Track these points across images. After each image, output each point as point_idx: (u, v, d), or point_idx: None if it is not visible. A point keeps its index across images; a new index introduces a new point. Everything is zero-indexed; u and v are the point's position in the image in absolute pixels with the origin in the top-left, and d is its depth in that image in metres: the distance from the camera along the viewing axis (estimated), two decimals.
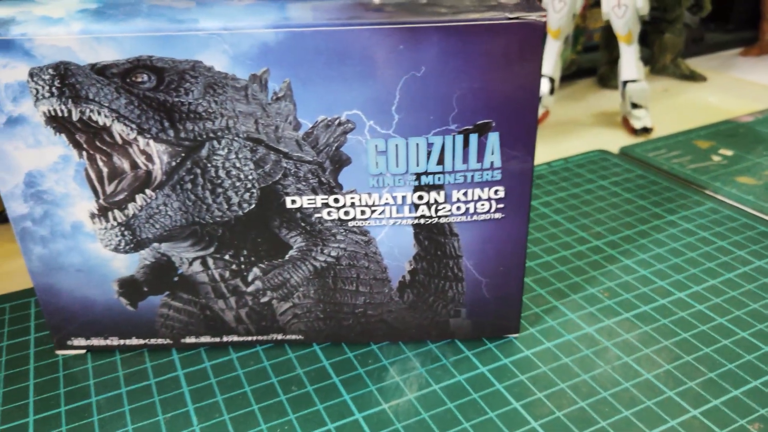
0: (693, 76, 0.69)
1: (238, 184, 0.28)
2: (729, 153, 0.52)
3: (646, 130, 0.56)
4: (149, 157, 0.27)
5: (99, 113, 0.26)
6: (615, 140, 0.56)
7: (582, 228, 0.42)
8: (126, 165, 0.27)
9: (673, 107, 0.63)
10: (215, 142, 0.27)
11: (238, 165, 0.27)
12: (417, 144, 0.27)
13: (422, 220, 0.29)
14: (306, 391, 0.30)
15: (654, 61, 0.70)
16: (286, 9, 0.26)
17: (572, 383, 0.30)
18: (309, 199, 0.28)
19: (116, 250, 0.29)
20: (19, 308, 0.36)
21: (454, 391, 0.29)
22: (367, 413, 0.28)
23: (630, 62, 0.56)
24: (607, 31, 0.67)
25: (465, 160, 0.28)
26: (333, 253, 0.30)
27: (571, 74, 0.70)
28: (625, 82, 0.57)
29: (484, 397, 0.29)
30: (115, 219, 0.28)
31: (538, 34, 0.26)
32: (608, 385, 0.29)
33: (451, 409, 0.28)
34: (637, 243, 0.40)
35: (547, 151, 0.54)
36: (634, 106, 0.57)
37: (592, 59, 0.72)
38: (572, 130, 0.58)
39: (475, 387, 0.29)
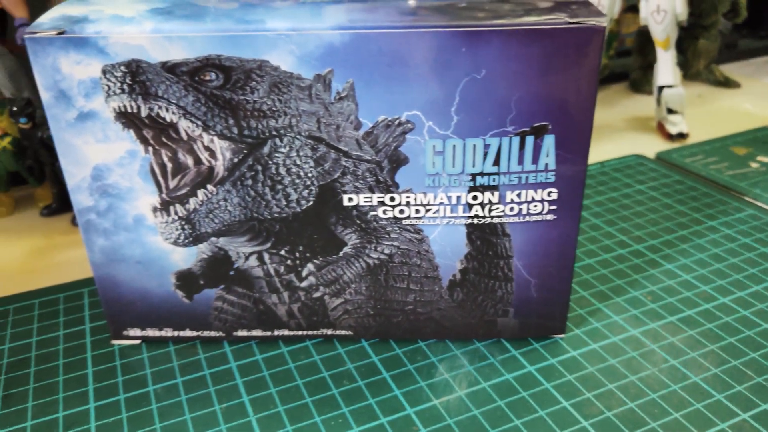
0: (727, 83, 0.69)
1: (297, 181, 0.28)
2: (767, 160, 0.52)
3: (681, 136, 0.56)
4: (212, 154, 0.28)
5: (167, 110, 0.27)
6: (650, 145, 0.56)
7: (622, 231, 0.42)
8: (189, 161, 0.28)
9: (707, 113, 0.62)
10: (277, 140, 0.28)
11: (298, 162, 0.28)
12: (474, 145, 0.28)
13: (475, 220, 0.30)
14: (357, 385, 0.30)
15: (687, 67, 0.70)
16: (323, 11, 0.27)
17: (620, 384, 0.30)
18: (366, 197, 0.29)
19: (176, 243, 0.30)
20: (72, 298, 0.37)
21: (503, 389, 0.30)
22: (418, 408, 0.29)
23: (666, 67, 0.56)
24: (641, 35, 0.67)
25: (520, 161, 0.28)
26: (386, 251, 0.30)
27: (603, 79, 0.70)
28: (661, 88, 0.57)
29: (534, 396, 0.29)
30: (176, 213, 0.29)
31: (597, 38, 0.26)
32: (656, 387, 0.30)
33: (501, 406, 0.29)
34: (678, 248, 0.40)
35: None
36: (670, 111, 0.57)
37: (624, 64, 0.72)
38: (606, 134, 0.59)
39: (524, 386, 0.30)
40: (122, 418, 0.29)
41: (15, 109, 0.42)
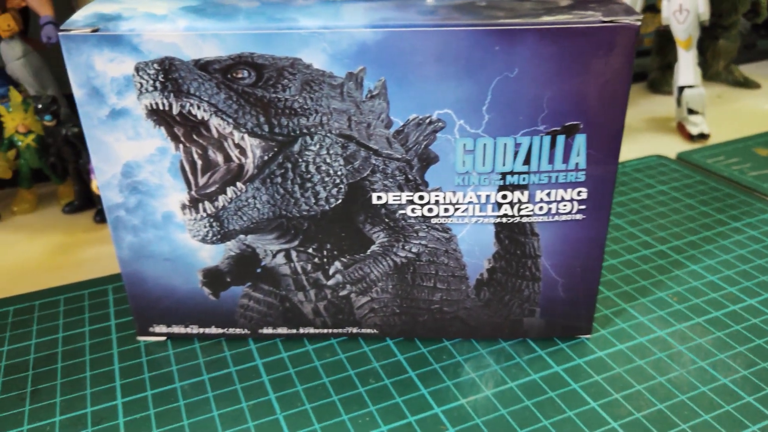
0: (746, 83, 0.68)
1: (327, 179, 0.28)
2: None
3: (702, 136, 0.56)
4: (243, 151, 0.28)
5: (198, 107, 0.27)
6: (670, 146, 0.55)
7: (645, 232, 0.42)
8: (220, 158, 0.28)
9: (727, 114, 0.62)
10: (308, 138, 0.28)
11: (328, 161, 0.28)
12: (505, 144, 0.28)
13: (504, 219, 0.29)
14: (383, 384, 0.30)
15: (707, 68, 0.69)
16: (341, 9, 0.27)
17: (648, 385, 0.30)
18: (395, 196, 0.29)
19: (203, 240, 0.30)
20: (97, 295, 0.37)
21: (530, 389, 0.30)
22: (446, 407, 0.29)
23: (688, 68, 0.56)
24: (660, 35, 0.67)
25: (551, 160, 0.28)
26: (414, 249, 0.30)
27: None
28: (681, 88, 0.56)
29: (561, 396, 0.29)
30: (204, 210, 0.29)
31: (631, 37, 0.26)
32: (685, 389, 0.29)
33: (528, 406, 0.29)
34: (702, 249, 0.40)
35: None
36: (691, 111, 0.56)
37: (642, 64, 0.71)
38: (626, 134, 0.58)
39: (551, 386, 0.30)
40: (150, 415, 0.29)
41: (40, 106, 0.42)
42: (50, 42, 0.44)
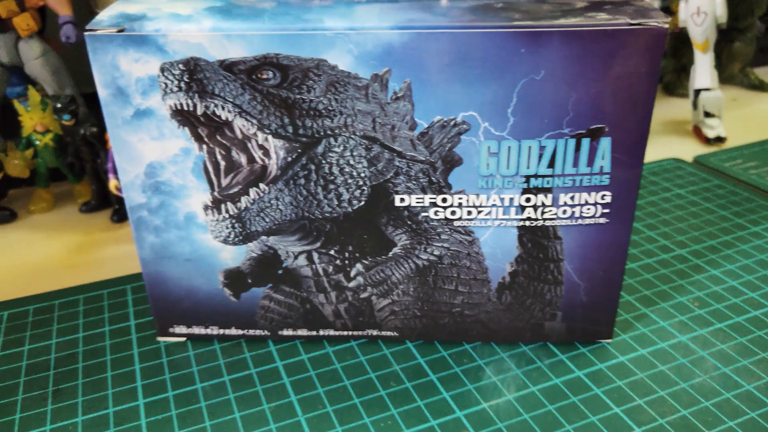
0: (762, 86, 0.68)
1: (350, 181, 0.28)
2: None
3: (719, 140, 0.55)
4: (266, 152, 0.28)
5: (223, 108, 0.27)
6: (686, 149, 0.55)
7: (664, 236, 0.42)
8: (243, 159, 0.28)
9: (743, 117, 0.62)
10: (332, 140, 0.28)
11: (352, 162, 0.28)
12: (529, 147, 0.28)
13: (527, 223, 0.29)
14: (404, 387, 0.30)
15: (722, 70, 0.69)
16: (354, 10, 0.27)
17: (671, 391, 0.29)
18: (417, 198, 0.29)
19: (225, 241, 0.30)
20: (116, 295, 0.37)
21: (552, 393, 0.29)
22: (468, 411, 0.29)
23: (704, 70, 0.55)
24: (675, 38, 0.66)
25: (575, 164, 0.28)
26: (436, 252, 0.30)
27: None
28: (698, 91, 0.56)
29: (584, 401, 0.29)
30: (227, 211, 0.29)
31: (659, 40, 0.26)
32: (709, 395, 0.29)
33: (551, 411, 0.29)
34: (722, 253, 0.40)
35: None
36: (707, 115, 0.56)
37: None
38: None
39: (573, 390, 0.30)
40: (172, 416, 0.29)
41: (59, 105, 0.42)
42: (69, 42, 0.44)
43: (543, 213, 0.29)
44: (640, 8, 0.27)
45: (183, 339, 0.33)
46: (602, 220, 0.29)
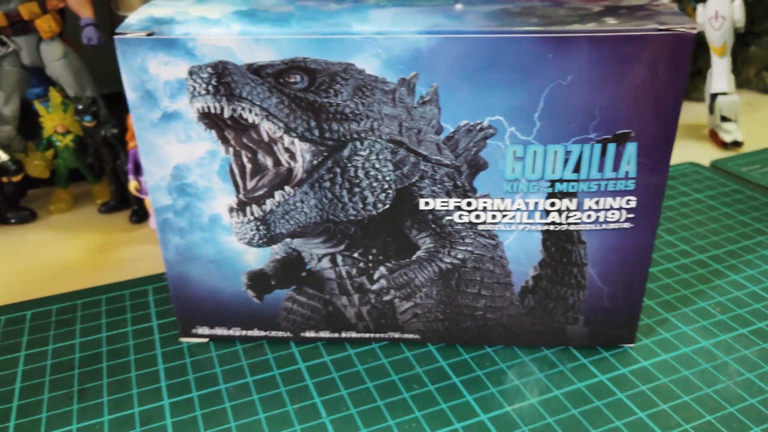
0: None
1: (375, 184, 0.28)
2: None
3: (736, 144, 0.55)
4: (292, 155, 0.28)
5: (250, 111, 0.27)
6: (703, 153, 0.55)
7: (683, 241, 0.42)
8: (269, 162, 0.28)
9: (759, 121, 0.61)
10: (358, 143, 0.28)
11: (377, 166, 0.28)
12: (555, 151, 0.28)
13: (552, 227, 0.29)
14: (428, 390, 0.30)
15: (737, 74, 0.69)
16: (367, 14, 0.27)
17: (696, 396, 0.29)
18: (442, 202, 0.29)
19: (250, 243, 0.30)
20: (138, 295, 0.37)
21: (575, 397, 0.29)
22: (491, 415, 0.29)
23: (721, 75, 0.55)
24: None
25: (601, 168, 0.28)
26: (459, 256, 0.30)
27: None
28: (714, 95, 0.56)
29: (608, 406, 0.29)
30: (252, 213, 0.29)
31: (687, 45, 0.26)
32: (733, 401, 0.29)
33: (575, 415, 0.29)
34: (743, 258, 0.40)
35: None
36: (724, 119, 0.56)
37: None
38: None
39: (597, 395, 0.30)
40: (197, 416, 0.29)
41: (81, 107, 0.43)
42: (90, 44, 0.44)
43: (567, 217, 0.29)
44: (654, 12, 0.27)
45: (205, 340, 0.33)
46: (626, 225, 0.29)
